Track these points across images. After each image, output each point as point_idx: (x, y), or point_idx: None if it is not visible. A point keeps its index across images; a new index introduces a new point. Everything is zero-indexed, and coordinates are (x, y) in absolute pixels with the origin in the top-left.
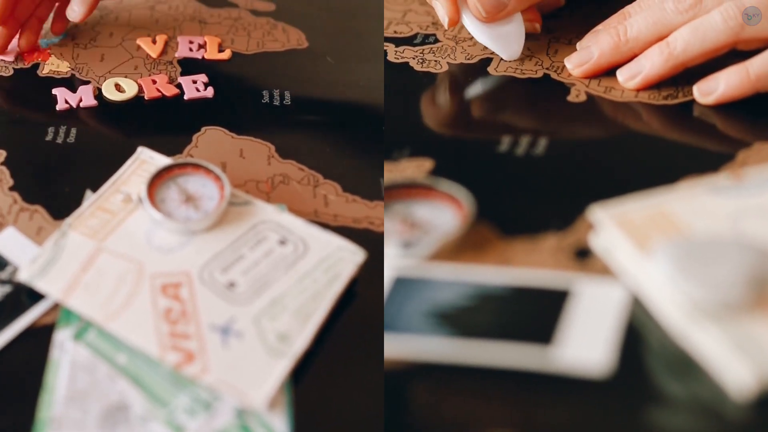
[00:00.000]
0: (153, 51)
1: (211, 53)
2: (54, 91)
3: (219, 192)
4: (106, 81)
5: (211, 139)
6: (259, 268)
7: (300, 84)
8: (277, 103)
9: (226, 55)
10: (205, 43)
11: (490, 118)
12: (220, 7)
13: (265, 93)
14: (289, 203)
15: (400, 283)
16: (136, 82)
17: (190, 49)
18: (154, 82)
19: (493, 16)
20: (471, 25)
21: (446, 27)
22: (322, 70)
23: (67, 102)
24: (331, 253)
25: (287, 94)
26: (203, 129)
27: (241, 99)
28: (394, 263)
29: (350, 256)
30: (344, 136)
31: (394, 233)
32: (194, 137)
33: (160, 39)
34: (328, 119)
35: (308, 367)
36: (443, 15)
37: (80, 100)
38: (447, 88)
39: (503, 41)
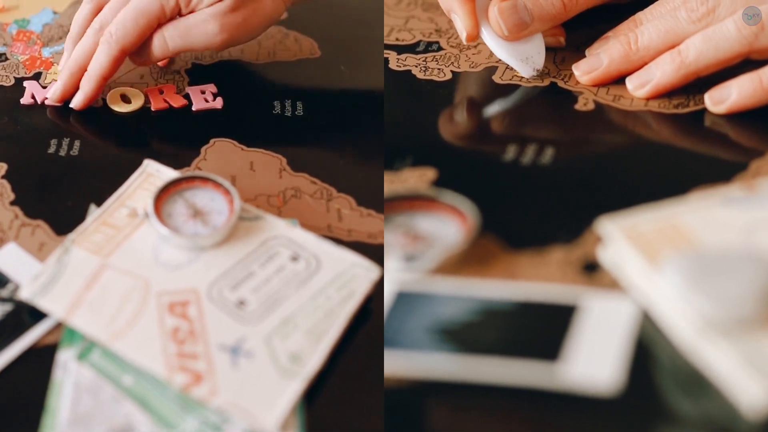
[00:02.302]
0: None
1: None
2: (25, 83)
3: (228, 206)
4: (111, 91)
5: (220, 151)
6: (270, 286)
7: (313, 94)
8: (288, 113)
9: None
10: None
11: (495, 127)
12: None
13: (277, 103)
14: (301, 218)
15: (402, 297)
16: (143, 92)
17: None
18: (161, 92)
19: (515, 35)
20: (490, 40)
21: (464, 42)
22: (336, 79)
23: (32, 97)
24: (345, 269)
25: (299, 105)
26: (212, 141)
27: (251, 110)
28: (396, 277)
29: (365, 273)
30: (358, 147)
31: (395, 246)
32: (203, 149)
33: None
34: (342, 130)
35: (322, 388)
36: (461, 29)
37: (46, 99)
38: (452, 97)
39: (523, 58)
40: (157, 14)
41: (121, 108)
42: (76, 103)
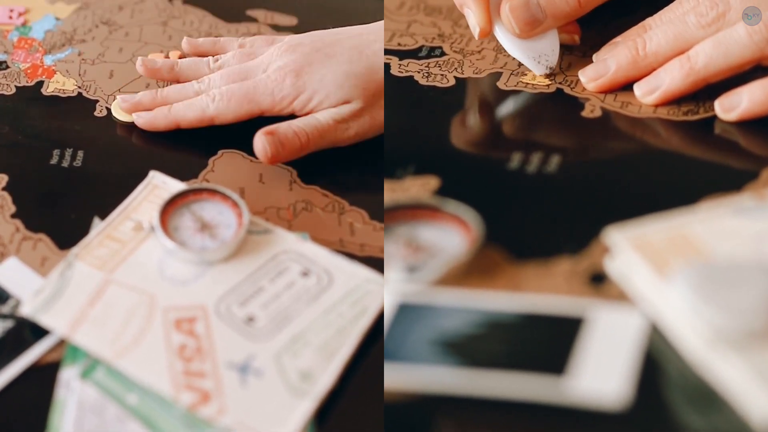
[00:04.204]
0: None
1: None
2: None
3: (237, 219)
4: (116, 100)
5: (228, 162)
6: (280, 302)
7: None
8: None
9: None
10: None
11: (500, 134)
12: (238, 22)
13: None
14: (312, 231)
15: (404, 309)
16: None
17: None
18: None
19: (527, 33)
20: (503, 37)
21: (477, 38)
22: None
23: None
24: (358, 285)
25: None
26: (220, 152)
27: (260, 119)
28: (398, 288)
29: (378, 289)
30: (372, 158)
31: (397, 257)
32: (210, 161)
33: (173, 55)
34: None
35: (333, 407)
36: (474, 25)
37: None
38: (455, 104)
39: (536, 56)
40: (263, 109)
41: (125, 117)
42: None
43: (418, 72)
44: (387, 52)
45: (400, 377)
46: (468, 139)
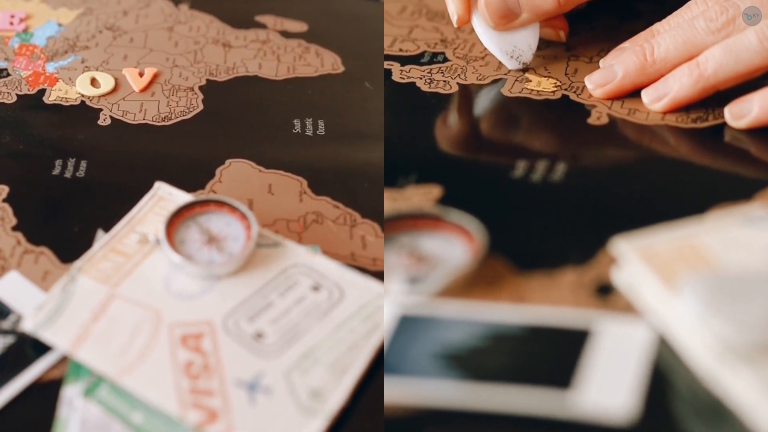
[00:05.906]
0: (137, 84)
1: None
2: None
3: (245, 232)
4: (81, 75)
5: (236, 173)
6: (289, 317)
7: (335, 112)
8: (309, 133)
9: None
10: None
11: (504, 142)
12: (247, 28)
13: (297, 122)
14: (322, 244)
15: (406, 321)
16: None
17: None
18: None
19: (502, 26)
20: (479, 28)
21: (455, 26)
22: (360, 96)
23: None
24: (370, 300)
25: (321, 124)
26: (228, 162)
27: (269, 129)
28: (399, 300)
29: None
30: (384, 169)
31: (399, 268)
32: (218, 171)
33: (149, 72)
34: (367, 151)
35: (344, 426)
36: (453, 12)
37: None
38: (457, 109)
39: (510, 50)
40: None
41: (89, 92)
42: None
43: (420, 78)
44: (388, 57)
45: (402, 391)
46: (452, 138)
